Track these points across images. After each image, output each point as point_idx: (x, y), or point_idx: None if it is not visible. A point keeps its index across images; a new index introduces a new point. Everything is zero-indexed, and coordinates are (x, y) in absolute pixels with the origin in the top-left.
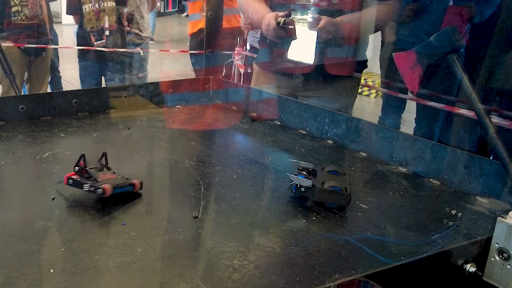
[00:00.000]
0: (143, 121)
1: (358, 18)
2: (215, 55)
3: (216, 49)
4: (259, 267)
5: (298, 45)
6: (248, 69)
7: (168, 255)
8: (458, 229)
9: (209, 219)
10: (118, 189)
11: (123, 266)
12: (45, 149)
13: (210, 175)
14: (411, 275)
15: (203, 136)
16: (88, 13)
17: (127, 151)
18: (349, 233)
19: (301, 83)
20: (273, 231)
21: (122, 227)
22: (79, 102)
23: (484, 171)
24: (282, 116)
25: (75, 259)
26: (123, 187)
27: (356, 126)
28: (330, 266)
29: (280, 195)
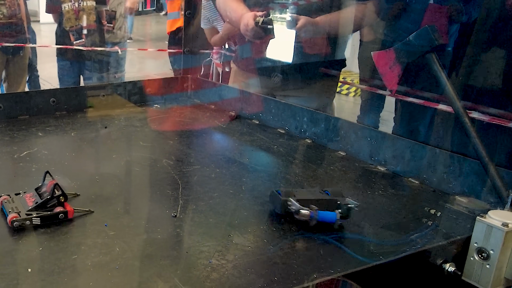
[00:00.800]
0: (121, 120)
1: (337, 17)
2: (193, 54)
3: (194, 48)
4: (237, 266)
5: (276, 44)
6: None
7: (147, 255)
8: (437, 228)
9: (187, 218)
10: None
11: (101, 265)
12: (23, 148)
13: (188, 174)
14: (390, 275)
15: (181, 135)
16: (68, 12)
17: (105, 150)
18: (328, 233)
19: (279, 82)
20: (252, 231)
21: (100, 227)
22: (57, 101)
23: (463, 171)
24: (261, 115)
25: (52, 258)
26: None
27: (335, 125)
28: (308, 266)
29: (258, 194)
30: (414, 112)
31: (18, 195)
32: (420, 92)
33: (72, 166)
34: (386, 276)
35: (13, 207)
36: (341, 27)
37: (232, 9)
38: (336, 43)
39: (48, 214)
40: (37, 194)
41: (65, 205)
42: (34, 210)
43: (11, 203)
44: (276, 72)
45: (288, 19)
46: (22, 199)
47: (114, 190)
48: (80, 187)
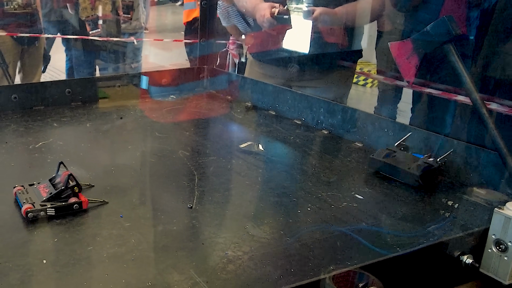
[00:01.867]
0: (137, 111)
1: (354, 8)
2: (209, 44)
3: (211, 38)
4: (253, 258)
5: (293, 34)
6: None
7: (162, 246)
8: (455, 220)
9: (203, 209)
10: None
11: (117, 257)
12: (38, 139)
13: (204, 165)
14: (407, 267)
15: (197, 126)
16: (84, 1)
17: (120, 141)
18: (345, 224)
19: (296, 72)
20: (268, 222)
21: (115, 218)
22: (72, 92)
23: (481, 162)
24: (277, 106)
25: (67, 250)
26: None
27: (352, 116)
28: (325, 258)
29: (275, 186)
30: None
31: (32, 186)
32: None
33: (87, 157)
34: (403, 268)
35: (27, 198)
36: (358, 18)
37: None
38: (353, 33)
39: (62, 205)
40: (51, 185)
41: (79, 195)
42: (48, 201)
43: (25, 194)
44: (293, 62)
45: (304, 10)
46: (36, 189)
47: (130, 181)
48: (95, 178)
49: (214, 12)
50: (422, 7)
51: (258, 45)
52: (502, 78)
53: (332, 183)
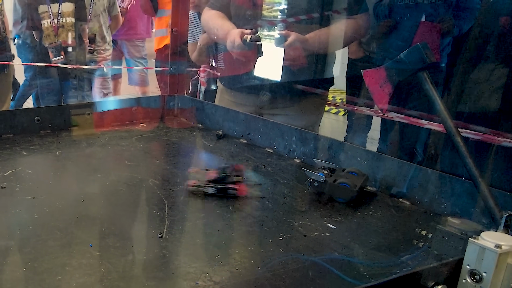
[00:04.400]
0: (107, 139)
1: (327, 34)
2: (180, 72)
3: (181, 66)
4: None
5: (264, 62)
6: (212, 86)
7: (132, 276)
8: (429, 250)
9: (173, 239)
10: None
11: (86, 286)
12: (6, 168)
13: (174, 194)
14: None
15: (167, 154)
16: (47, 28)
17: (90, 170)
18: (317, 254)
19: (267, 100)
20: (239, 252)
21: (85, 247)
22: (42, 120)
23: (455, 191)
24: (249, 134)
25: (37, 279)
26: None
27: (324, 145)
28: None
29: (246, 215)
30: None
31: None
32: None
33: (56, 186)
34: None
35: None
36: (330, 43)
37: (218, 26)
38: (324, 61)
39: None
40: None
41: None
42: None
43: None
44: (264, 90)
45: (277, 36)
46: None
47: (99, 210)
48: (64, 207)
49: (185, 40)
50: (394, 34)
51: (229, 74)
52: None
53: (304, 212)
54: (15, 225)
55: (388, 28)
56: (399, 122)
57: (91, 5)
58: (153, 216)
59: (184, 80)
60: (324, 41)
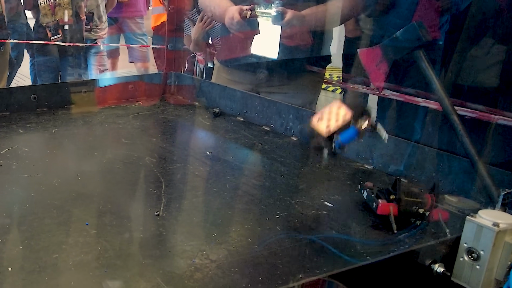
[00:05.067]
0: (103, 117)
1: (324, 11)
2: (176, 49)
3: (178, 43)
4: (221, 266)
5: (261, 39)
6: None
7: (129, 254)
8: (426, 228)
9: (170, 217)
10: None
11: (83, 264)
12: (3, 146)
13: (171, 172)
14: (377, 275)
15: (164, 132)
16: (44, 7)
17: (86, 148)
18: (314, 232)
19: (264, 78)
20: (236, 230)
21: (81, 225)
22: (38, 98)
23: (452, 169)
24: (245, 112)
25: (33, 257)
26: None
27: None
28: (294, 266)
29: (243, 193)
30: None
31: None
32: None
33: (53, 164)
34: (373, 276)
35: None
36: (327, 20)
37: (216, 4)
38: (322, 38)
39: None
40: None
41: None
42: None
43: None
44: (261, 68)
45: (274, 14)
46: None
47: (96, 188)
48: (61, 185)
49: (182, 17)
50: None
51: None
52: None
53: (301, 190)
54: (11, 203)
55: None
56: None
57: None
58: (150, 194)
59: (181, 57)
60: (321, 17)
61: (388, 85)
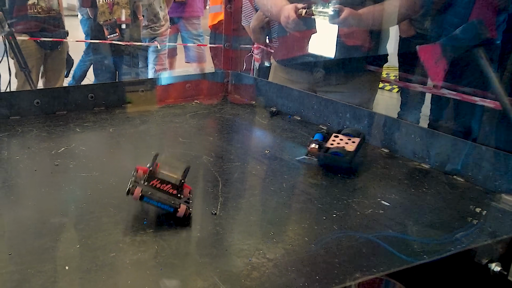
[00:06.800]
0: (160, 116)
1: (381, 10)
2: (234, 48)
3: (235, 42)
4: (278, 265)
5: (318, 38)
6: (266, 63)
7: (186, 253)
8: (483, 227)
9: (227, 216)
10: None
11: (140, 263)
12: (60, 144)
13: (228, 171)
14: (434, 274)
15: (221, 131)
16: (102, 5)
17: (143, 147)
18: (371, 231)
19: (321, 77)
20: (293, 229)
21: (139, 224)
22: (95, 97)
23: (510, 168)
24: (302, 111)
25: (90, 256)
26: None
27: (378, 122)
28: (351, 265)
29: (300, 192)
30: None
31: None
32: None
33: (110, 163)
34: (430, 275)
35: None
36: (384, 19)
37: (272, 2)
38: (379, 37)
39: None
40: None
41: (185, 186)
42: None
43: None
44: (318, 67)
45: (330, 13)
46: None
47: None
48: (118, 184)
49: (239, 15)
50: (450, 11)
51: (283, 51)
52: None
53: (358, 190)
54: (69, 202)
55: (443, 5)
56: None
57: None
58: (207, 193)
59: (238, 56)
60: (378, 17)
61: (445, 83)
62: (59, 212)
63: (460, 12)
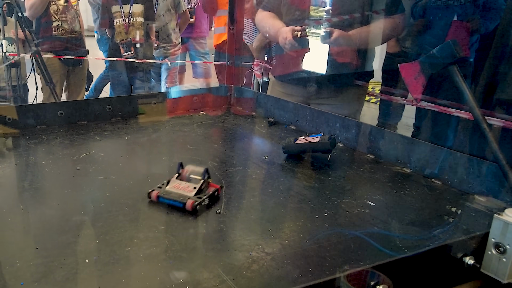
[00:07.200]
0: (170, 125)
1: (368, 31)
2: (236, 65)
3: (237, 60)
4: (275, 258)
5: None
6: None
7: (193, 247)
8: (458, 225)
9: (230, 214)
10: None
11: (152, 257)
12: (81, 151)
13: (231, 174)
14: (415, 267)
15: (225, 139)
16: (119, 26)
17: (155, 153)
18: (358, 228)
19: (314, 91)
20: (288, 226)
21: (151, 222)
22: (113, 108)
23: (482, 172)
24: (297, 121)
25: (108, 251)
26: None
27: (364, 131)
28: (340, 258)
29: (295, 194)
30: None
31: (163, 187)
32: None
33: (125, 167)
34: (411, 267)
35: (178, 195)
36: (370, 40)
37: (270, 25)
38: (365, 55)
39: (211, 194)
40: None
41: (211, 184)
42: (198, 194)
43: (170, 194)
44: (311, 82)
45: (322, 34)
46: (174, 189)
47: None
48: (133, 186)
49: (241, 36)
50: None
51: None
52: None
53: (347, 191)
54: (89, 202)
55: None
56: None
57: (156, 6)
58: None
59: (240, 72)
60: (365, 37)
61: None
62: (80, 211)
63: (437, 33)
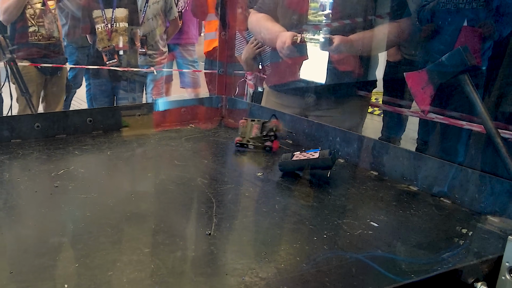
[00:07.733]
0: (156, 139)
1: (371, 36)
2: (227, 74)
3: (229, 68)
4: (270, 284)
5: (309, 65)
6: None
7: (181, 272)
8: (469, 247)
9: (221, 236)
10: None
11: (136, 282)
12: (60, 167)
13: (222, 192)
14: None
15: (215, 154)
16: (100, 33)
17: (140, 169)
18: (360, 251)
19: (312, 102)
20: (284, 249)
21: (135, 244)
22: (94, 121)
23: (495, 190)
24: (294, 135)
25: (88, 275)
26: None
27: (367, 145)
28: (340, 284)
29: (291, 213)
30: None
31: (252, 122)
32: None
33: (108, 184)
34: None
35: (243, 131)
36: (374, 46)
37: (267, 29)
38: (368, 63)
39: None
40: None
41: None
42: (254, 139)
43: (244, 128)
44: (309, 92)
45: (322, 40)
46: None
47: (149, 207)
48: (115, 205)
49: (233, 43)
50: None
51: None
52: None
53: (348, 211)
54: (67, 222)
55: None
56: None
57: (145, 9)
58: (201, 214)
59: (233, 82)
60: (368, 43)
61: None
62: (59, 232)
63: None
